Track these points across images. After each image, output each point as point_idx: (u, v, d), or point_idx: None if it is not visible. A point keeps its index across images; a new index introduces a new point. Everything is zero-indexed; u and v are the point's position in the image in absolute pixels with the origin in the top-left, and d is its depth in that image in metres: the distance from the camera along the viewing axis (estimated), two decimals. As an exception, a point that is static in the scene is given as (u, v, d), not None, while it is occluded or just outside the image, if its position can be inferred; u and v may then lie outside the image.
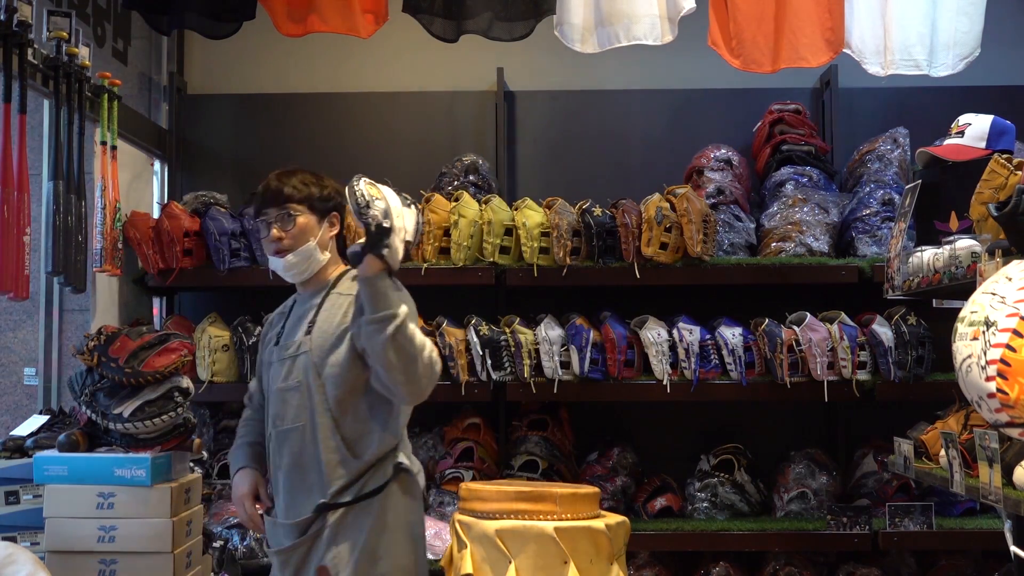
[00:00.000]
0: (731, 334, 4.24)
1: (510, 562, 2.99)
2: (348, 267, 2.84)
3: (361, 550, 2.63)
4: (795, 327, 4.23)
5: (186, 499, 3.31)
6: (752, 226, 4.53)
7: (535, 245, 4.27)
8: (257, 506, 2.83)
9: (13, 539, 3.16)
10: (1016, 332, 2.29)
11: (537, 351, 4.21)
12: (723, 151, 4.62)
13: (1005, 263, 2.54)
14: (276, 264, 2.79)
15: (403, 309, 2.57)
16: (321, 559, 2.65)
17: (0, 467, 3.29)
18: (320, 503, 2.66)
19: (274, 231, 2.75)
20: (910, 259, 3.43)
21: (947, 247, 3.09)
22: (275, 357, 2.79)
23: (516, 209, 4.33)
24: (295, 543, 2.68)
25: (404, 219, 2.62)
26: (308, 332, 2.73)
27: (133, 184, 4.58)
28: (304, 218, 2.76)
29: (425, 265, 4.31)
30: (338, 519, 2.65)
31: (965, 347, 2.44)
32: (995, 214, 2.59)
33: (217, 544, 3.94)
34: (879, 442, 4.41)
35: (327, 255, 2.82)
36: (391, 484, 2.69)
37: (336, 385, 2.68)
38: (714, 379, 4.25)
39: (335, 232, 2.85)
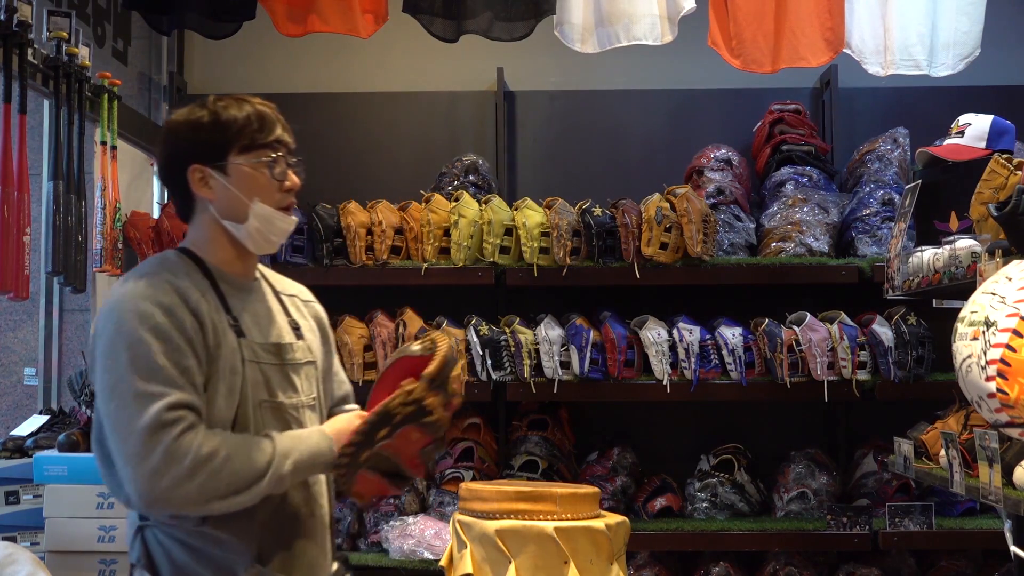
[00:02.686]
0: (731, 334, 4.24)
1: (510, 562, 2.99)
2: None
3: None
4: (795, 327, 4.23)
5: (186, 499, 3.30)
6: (752, 226, 4.52)
7: (535, 245, 4.26)
8: None
9: (13, 539, 3.16)
10: (1016, 332, 2.29)
11: (537, 351, 4.21)
12: (723, 151, 4.62)
13: (1005, 263, 2.54)
14: (281, 223, 2.06)
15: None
16: None
17: (0, 467, 3.29)
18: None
19: (295, 178, 2.07)
20: (910, 259, 3.43)
21: (947, 247, 3.09)
22: (268, 359, 2.05)
23: (516, 209, 4.33)
24: None
25: None
26: (299, 337, 2.13)
27: (133, 184, 4.58)
28: None
29: (425, 265, 4.30)
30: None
31: (965, 347, 2.44)
32: (995, 214, 2.59)
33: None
34: (879, 442, 4.41)
35: None
36: None
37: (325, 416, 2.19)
38: (714, 379, 4.24)
39: None
